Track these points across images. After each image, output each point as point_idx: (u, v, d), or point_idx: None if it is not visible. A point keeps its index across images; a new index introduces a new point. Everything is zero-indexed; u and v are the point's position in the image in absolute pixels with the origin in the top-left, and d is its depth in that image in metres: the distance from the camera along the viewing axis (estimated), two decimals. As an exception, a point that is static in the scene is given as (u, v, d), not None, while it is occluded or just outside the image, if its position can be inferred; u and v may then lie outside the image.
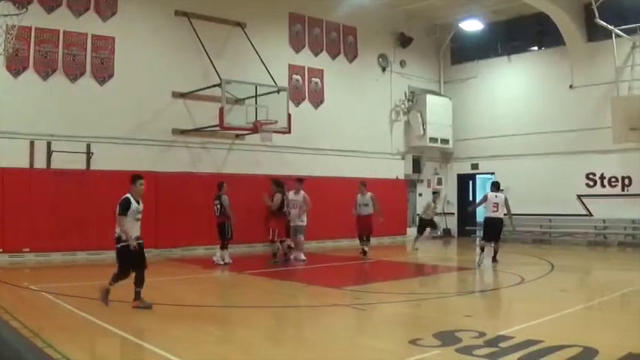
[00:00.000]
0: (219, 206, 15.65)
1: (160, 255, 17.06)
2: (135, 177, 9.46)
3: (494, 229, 15.44)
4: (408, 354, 6.60)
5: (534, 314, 8.58)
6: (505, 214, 15.48)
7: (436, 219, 21.17)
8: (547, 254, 17.99)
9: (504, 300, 10.87)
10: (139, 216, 9.31)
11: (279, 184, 16.58)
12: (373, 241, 18.46)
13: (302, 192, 16.71)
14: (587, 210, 21.85)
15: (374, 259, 17.30)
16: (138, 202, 9.32)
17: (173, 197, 17.64)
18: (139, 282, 9.14)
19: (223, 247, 15.76)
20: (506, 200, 15.34)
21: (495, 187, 15.75)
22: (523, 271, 14.01)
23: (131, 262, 9.06)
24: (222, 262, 15.57)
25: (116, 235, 9.14)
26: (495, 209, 15.26)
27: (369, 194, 17.84)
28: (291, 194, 16.68)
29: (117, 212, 9.09)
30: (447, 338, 7.12)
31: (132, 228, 9.14)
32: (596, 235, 21.85)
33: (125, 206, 9.09)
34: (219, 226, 15.72)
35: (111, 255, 15.84)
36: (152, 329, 7.85)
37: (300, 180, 17.09)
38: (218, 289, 12.51)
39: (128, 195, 9.21)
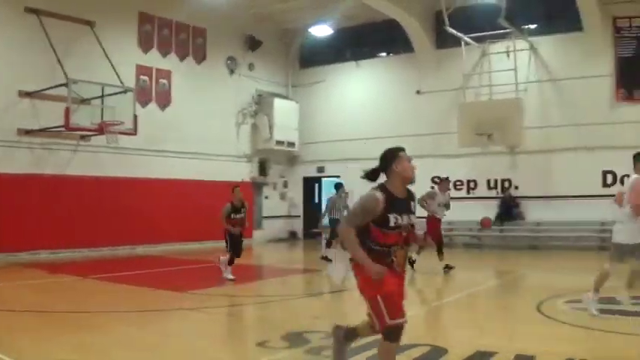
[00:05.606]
0: None
1: (4, 260, 16.41)
2: None
3: None
4: (255, 357, 6.74)
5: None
6: None
7: None
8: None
9: (353, 301, 11.25)
10: None
11: None
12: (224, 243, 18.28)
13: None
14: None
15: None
16: None
17: (15, 199, 16.93)
18: None
19: None
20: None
21: None
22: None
23: None
24: None
25: None
26: None
27: (448, 193, 15.34)
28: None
29: None
30: (295, 339, 7.27)
31: None
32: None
33: None
34: None
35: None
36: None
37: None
38: (66, 294, 12.15)
39: None
